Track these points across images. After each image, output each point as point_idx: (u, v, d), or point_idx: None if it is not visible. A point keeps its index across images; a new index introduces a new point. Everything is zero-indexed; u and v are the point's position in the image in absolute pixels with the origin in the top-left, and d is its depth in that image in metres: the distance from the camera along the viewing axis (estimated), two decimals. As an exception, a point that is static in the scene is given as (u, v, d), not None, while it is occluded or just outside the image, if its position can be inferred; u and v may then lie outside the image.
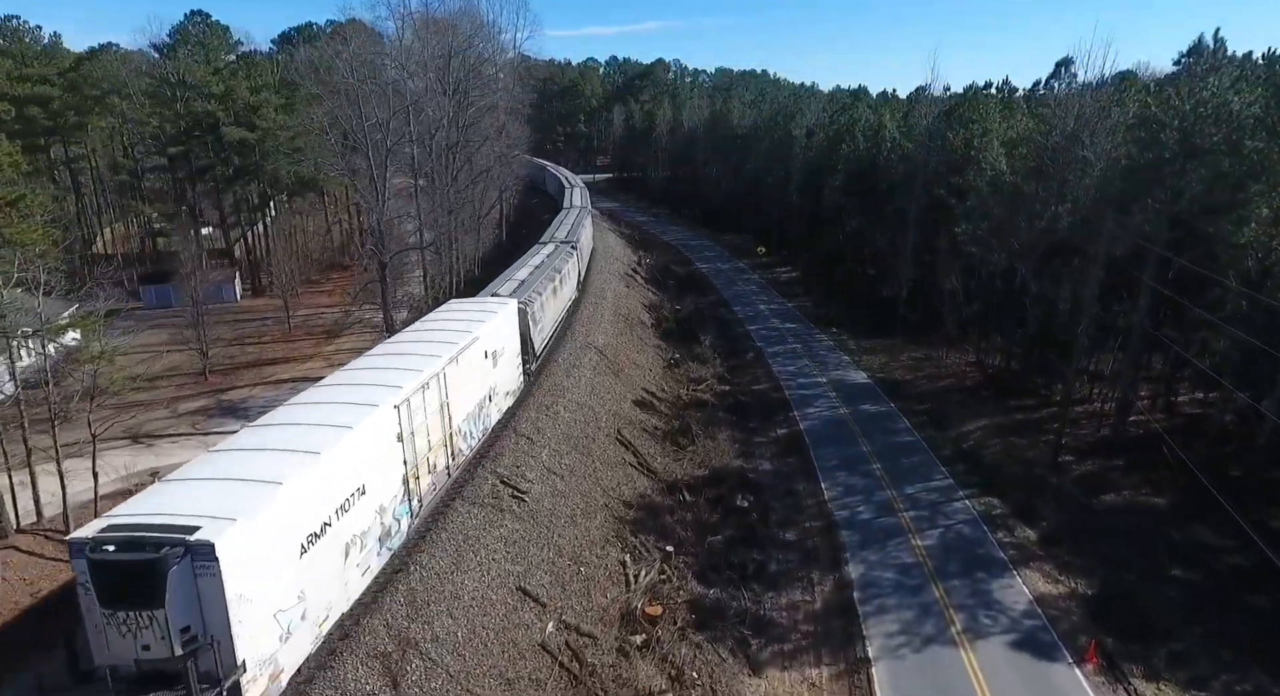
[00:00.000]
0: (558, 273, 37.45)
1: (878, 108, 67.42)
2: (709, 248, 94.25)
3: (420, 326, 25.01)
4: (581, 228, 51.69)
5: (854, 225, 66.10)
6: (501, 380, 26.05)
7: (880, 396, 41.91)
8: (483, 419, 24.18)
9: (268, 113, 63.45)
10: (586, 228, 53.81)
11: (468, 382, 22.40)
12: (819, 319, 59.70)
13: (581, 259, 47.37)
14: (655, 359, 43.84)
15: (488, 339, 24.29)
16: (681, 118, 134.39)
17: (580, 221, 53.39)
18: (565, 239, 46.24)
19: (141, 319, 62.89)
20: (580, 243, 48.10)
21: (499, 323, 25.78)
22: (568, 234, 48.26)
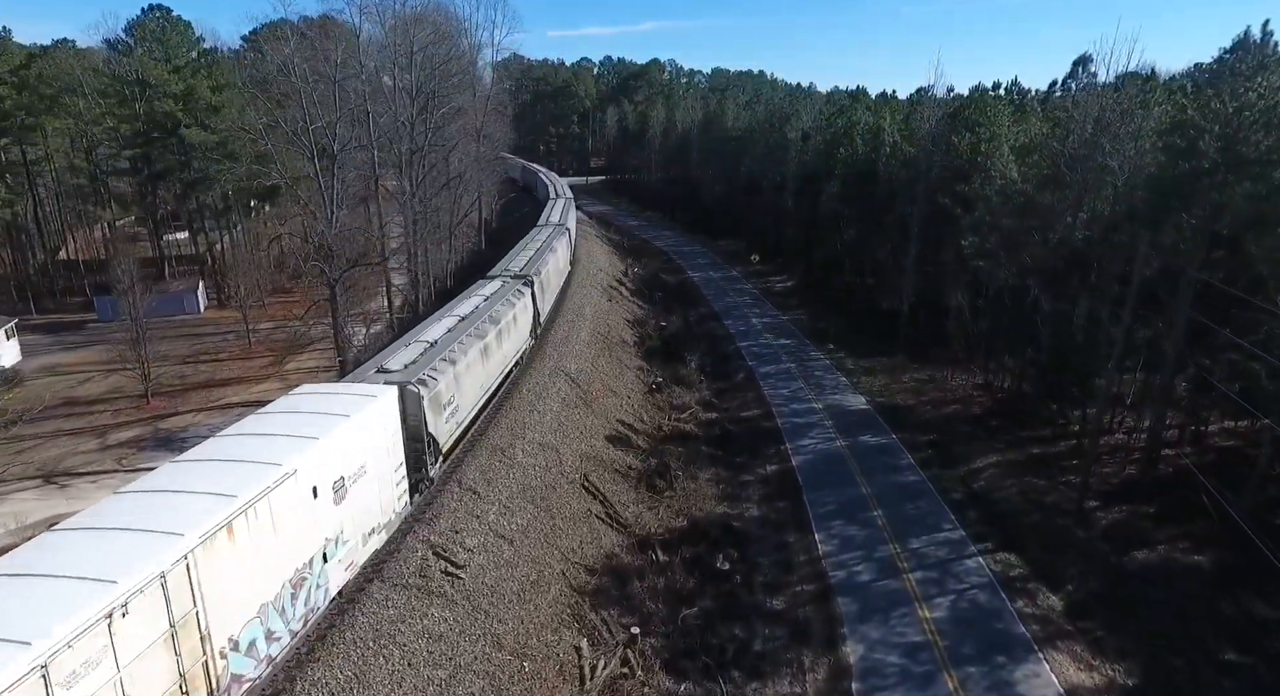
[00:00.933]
0: (494, 324, 27.66)
1: (877, 109, 63.97)
2: (702, 254, 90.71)
3: (209, 449, 15.26)
4: (549, 253, 42.56)
5: (852, 234, 62.69)
6: (357, 518, 16.94)
7: (880, 426, 38.29)
8: (307, 599, 15.21)
9: (230, 113, 59.75)
10: (557, 253, 44.76)
11: (261, 555, 13.49)
12: (815, 334, 56.10)
13: (544, 292, 37.86)
14: (635, 384, 40.19)
15: (322, 465, 15.44)
16: (675, 119, 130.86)
17: (551, 244, 45.39)
18: (520, 272, 36.69)
19: (94, 333, 59.28)
20: (546, 272, 39.59)
21: (351, 431, 16.51)
22: (526, 264, 38.99)
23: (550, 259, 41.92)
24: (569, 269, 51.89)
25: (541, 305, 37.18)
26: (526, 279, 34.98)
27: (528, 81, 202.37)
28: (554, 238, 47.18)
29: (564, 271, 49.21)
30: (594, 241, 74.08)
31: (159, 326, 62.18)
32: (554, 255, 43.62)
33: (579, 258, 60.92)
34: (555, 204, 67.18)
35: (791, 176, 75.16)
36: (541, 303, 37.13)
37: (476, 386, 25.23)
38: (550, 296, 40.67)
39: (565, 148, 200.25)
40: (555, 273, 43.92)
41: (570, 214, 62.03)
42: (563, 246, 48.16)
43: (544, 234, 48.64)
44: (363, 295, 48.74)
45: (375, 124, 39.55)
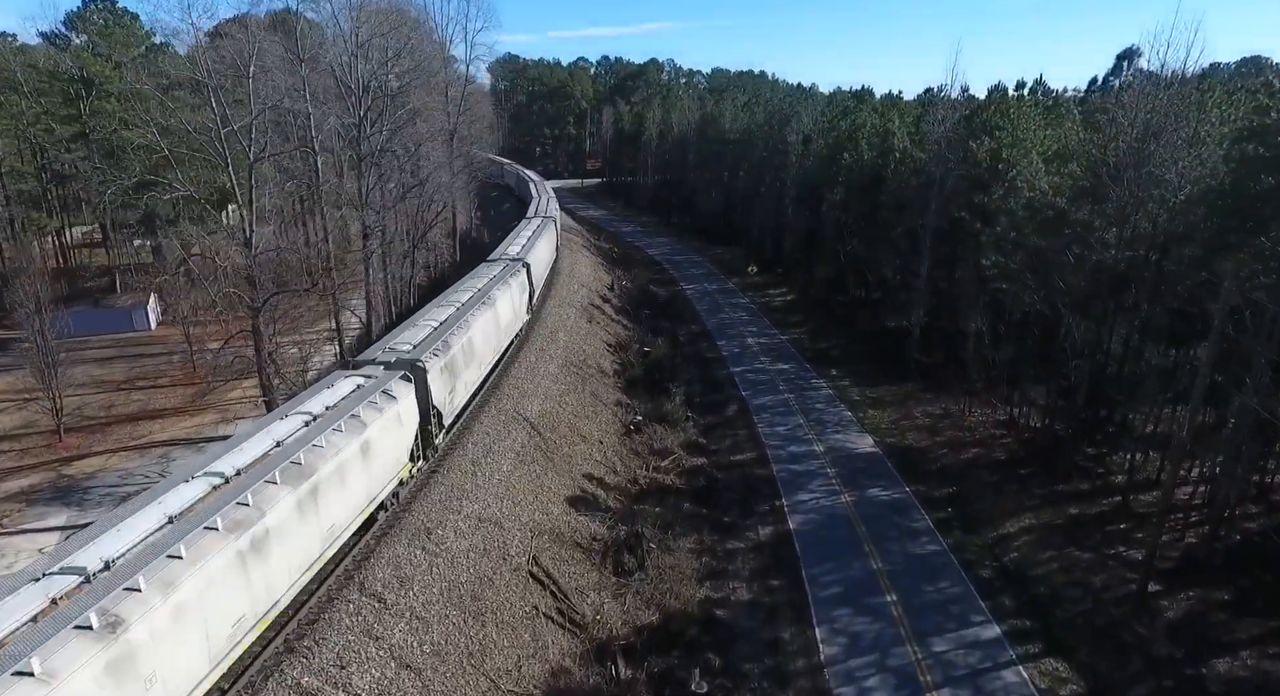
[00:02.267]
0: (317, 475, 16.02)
1: (884, 111, 58.97)
2: (696, 264, 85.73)
3: None
4: (481, 311, 29.07)
5: (857, 246, 57.59)
6: None
7: (891, 474, 33.26)
8: None
9: (182, 113, 54.75)
10: (507, 299, 32.83)
11: None
12: (816, 357, 51.09)
13: (443, 395, 23.53)
14: (610, 424, 35.17)
15: None
16: (671, 120, 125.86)
17: (494, 292, 31.88)
18: (404, 358, 22.58)
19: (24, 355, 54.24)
20: (475, 345, 27.24)
21: None
22: (415, 346, 23.82)
23: (477, 325, 27.95)
24: (527, 317, 38.74)
25: (447, 404, 24.21)
26: (406, 367, 21.86)
27: (523, 82, 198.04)
28: (500, 283, 33.42)
29: (520, 321, 36.27)
30: (579, 252, 69.08)
31: (101, 345, 57.56)
32: (503, 304, 31.82)
33: (561, 270, 56.00)
34: (521, 230, 51.54)
35: (791, 182, 70.20)
36: (443, 401, 23.74)
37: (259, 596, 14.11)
38: (463, 388, 26.07)
39: (561, 149, 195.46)
40: (511, 315, 33.83)
41: (542, 240, 48.33)
42: (509, 299, 33.23)
43: (479, 283, 33.43)
44: (311, 316, 43.84)
45: (313, 125, 34.56)
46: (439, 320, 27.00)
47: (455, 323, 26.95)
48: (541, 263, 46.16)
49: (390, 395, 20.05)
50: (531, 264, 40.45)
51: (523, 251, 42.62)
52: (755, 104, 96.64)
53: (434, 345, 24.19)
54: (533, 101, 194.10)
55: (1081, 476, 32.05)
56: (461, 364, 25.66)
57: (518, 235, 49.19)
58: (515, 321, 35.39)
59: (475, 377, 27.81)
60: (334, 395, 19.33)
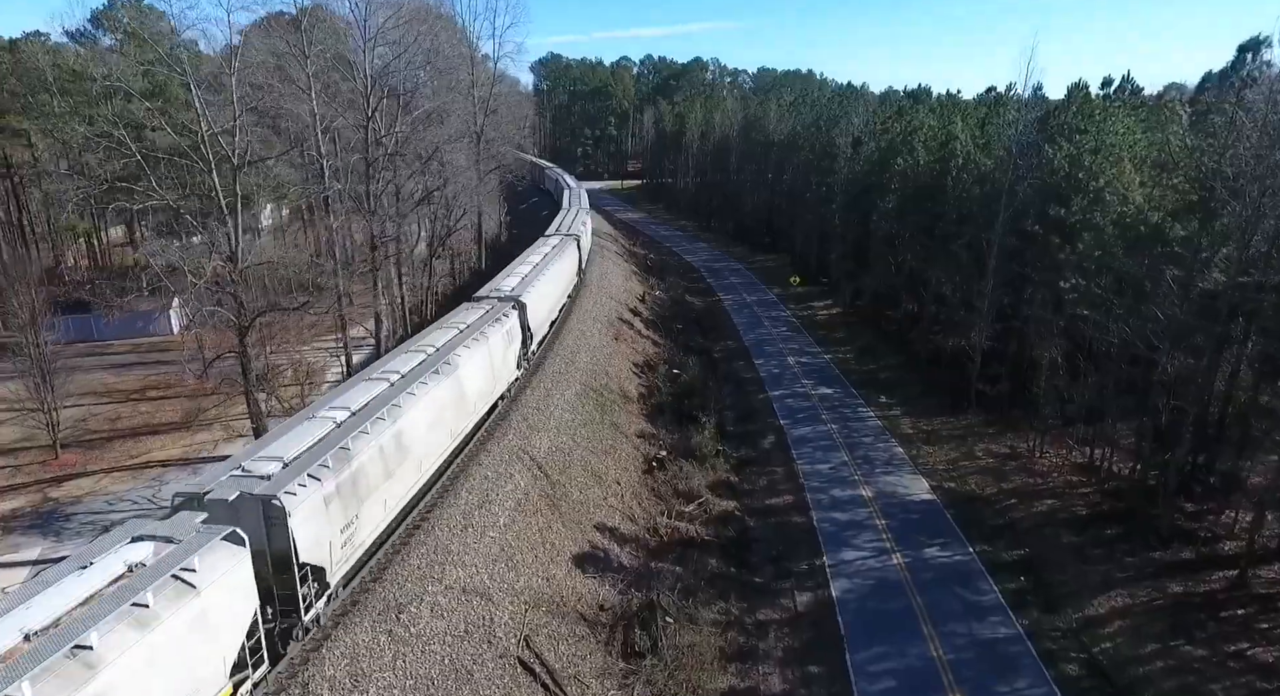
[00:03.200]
0: None
1: (944, 112, 54.08)
2: (736, 271, 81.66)
3: None
4: (426, 389, 21.14)
5: (910, 259, 52.87)
6: None
7: (951, 530, 28.92)
8: None
9: (176, 114, 53.19)
10: (479, 360, 25.20)
11: None
12: (864, 381, 46.68)
13: (313, 548, 15.25)
14: (630, 460, 31.59)
15: None
16: (714, 121, 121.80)
17: (458, 354, 24.02)
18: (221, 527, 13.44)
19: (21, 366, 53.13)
20: (402, 444, 19.23)
21: None
22: (268, 478, 15.20)
23: (375, 451, 18.17)
24: (517, 373, 30.49)
25: (322, 557, 15.90)
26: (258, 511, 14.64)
27: (565, 82, 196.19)
28: (469, 341, 25.32)
29: (501, 383, 28.06)
30: (611, 260, 65.68)
31: (121, 349, 56.44)
32: (424, 411, 20.69)
33: (590, 282, 52.71)
34: (526, 260, 40.67)
35: (839, 187, 65.61)
36: (320, 555, 15.83)
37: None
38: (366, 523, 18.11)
39: (601, 150, 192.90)
40: (477, 396, 25.09)
41: (554, 270, 39.27)
42: (484, 359, 25.56)
43: (433, 341, 24.89)
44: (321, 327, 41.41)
45: (319, 126, 31.89)
46: (336, 420, 17.94)
47: (361, 424, 17.80)
48: (547, 300, 36.31)
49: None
50: (529, 304, 31.90)
51: (520, 287, 33.58)
52: (802, 104, 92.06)
53: (298, 477, 15.09)
54: (574, 102, 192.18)
55: (1183, 540, 27.19)
56: (357, 489, 16.72)
57: (524, 261, 40.16)
58: (492, 386, 26.59)
59: (398, 498, 18.99)
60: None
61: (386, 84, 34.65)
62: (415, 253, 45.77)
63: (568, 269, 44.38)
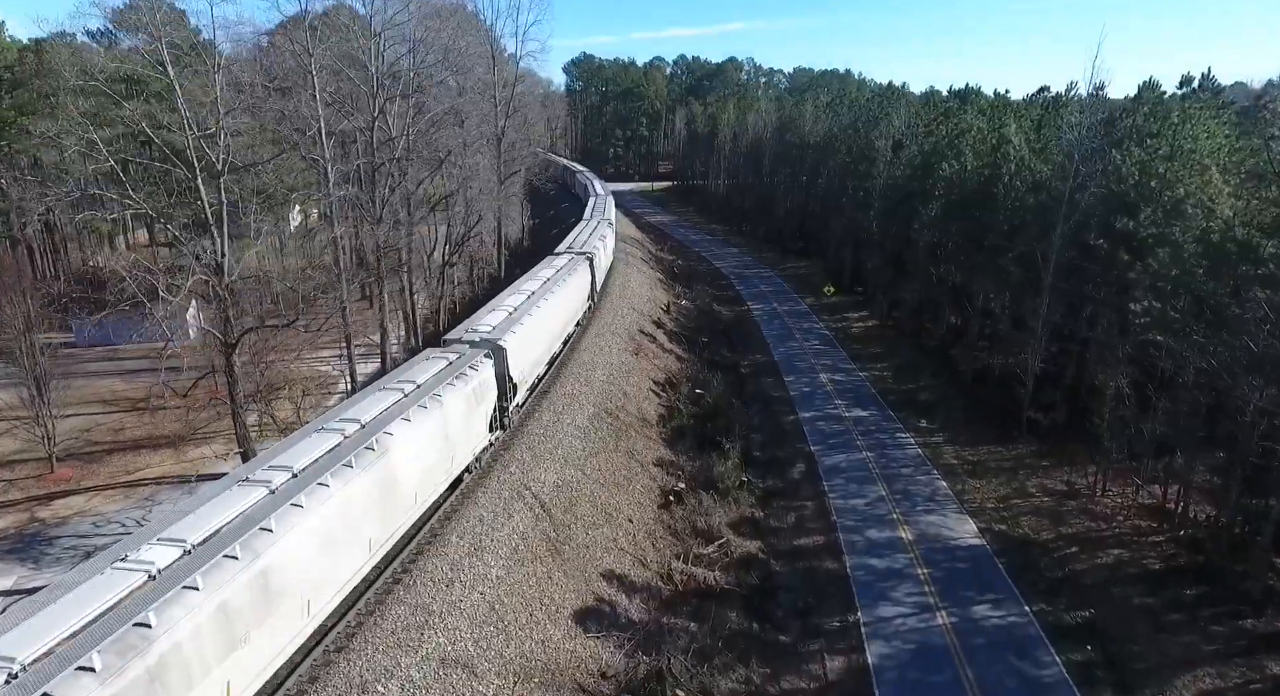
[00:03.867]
0: None
1: (994, 114, 50.42)
2: (766, 279, 78.49)
3: None
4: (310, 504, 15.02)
5: (955, 270, 49.37)
6: None
7: (1003, 582, 25.74)
8: None
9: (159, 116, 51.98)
10: (423, 445, 19.36)
11: None
12: (902, 402, 43.38)
13: None
14: (645, 493, 28.97)
15: None
16: (747, 122, 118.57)
17: (391, 432, 18.21)
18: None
19: (66, 361, 52.65)
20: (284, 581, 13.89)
21: None
22: None
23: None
24: (490, 439, 24.47)
25: None
26: None
27: (597, 82, 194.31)
28: (442, 391, 21.00)
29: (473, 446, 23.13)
30: (635, 267, 63.12)
31: (135, 355, 55.52)
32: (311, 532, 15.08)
33: (612, 291, 50.23)
34: (520, 288, 33.57)
35: (878, 193, 62.16)
36: None
37: None
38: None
39: (633, 151, 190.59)
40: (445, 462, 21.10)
41: (556, 299, 33.36)
42: (466, 407, 22.06)
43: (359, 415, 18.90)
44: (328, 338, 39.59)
45: (323, 129, 29.97)
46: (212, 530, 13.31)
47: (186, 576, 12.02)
48: (540, 340, 29.78)
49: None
50: (512, 348, 25.32)
51: (502, 327, 26.63)
52: (839, 104, 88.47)
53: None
54: (605, 102, 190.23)
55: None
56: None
57: (518, 289, 33.12)
58: (449, 464, 20.91)
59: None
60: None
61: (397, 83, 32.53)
62: (433, 259, 43.77)
63: (574, 296, 37.47)
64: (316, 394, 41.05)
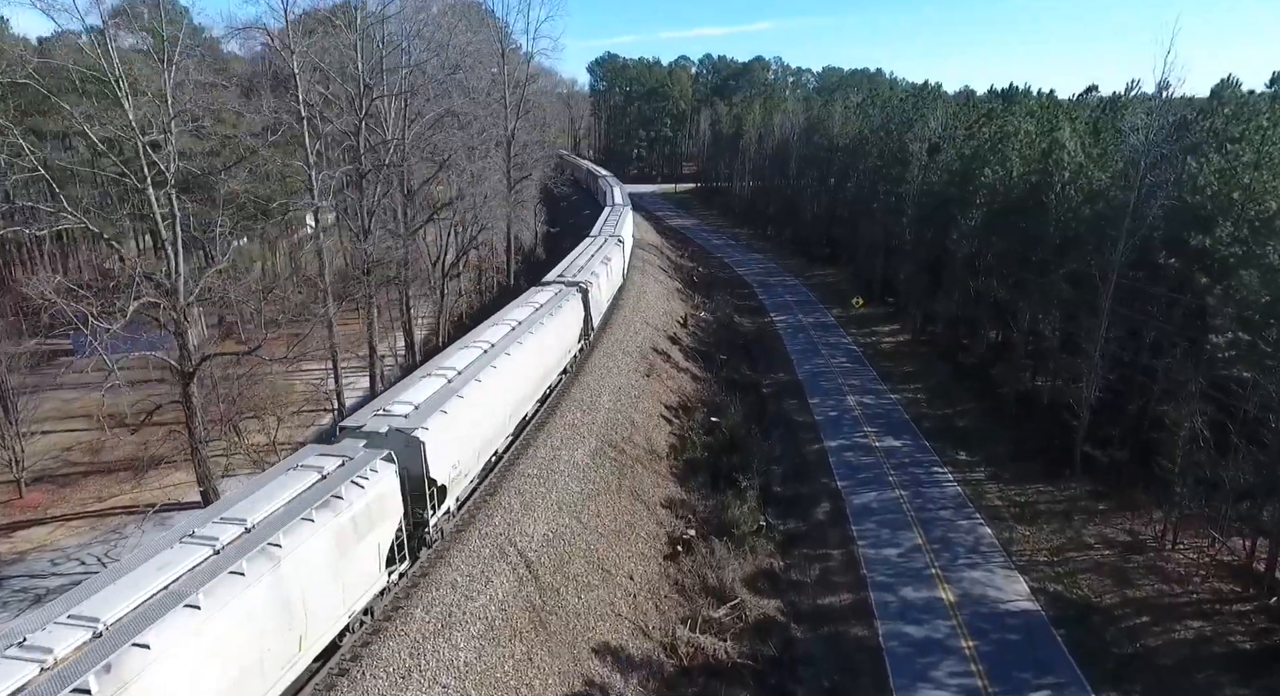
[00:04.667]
0: None
1: (1044, 116, 46.38)
2: (791, 288, 74.83)
3: None
4: None
5: (997, 285, 45.39)
6: None
7: (1063, 660, 22.15)
8: None
9: (227, 117, 50.01)
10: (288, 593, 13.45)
11: None
12: (938, 429, 39.70)
13: None
14: (649, 543, 25.80)
15: None
16: (773, 123, 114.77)
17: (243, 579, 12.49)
18: None
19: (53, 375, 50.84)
20: None
21: None
22: None
23: None
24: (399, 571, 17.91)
25: None
26: None
27: (621, 82, 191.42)
28: (289, 539, 13.43)
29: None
30: (652, 275, 59.96)
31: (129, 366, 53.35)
32: None
33: (623, 303, 47.16)
34: (480, 335, 26.15)
35: (912, 199, 58.28)
36: None
37: None
38: None
39: (657, 152, 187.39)
40: None
41: (531, 347, 26.14)
42: (338, 547, 14.68)
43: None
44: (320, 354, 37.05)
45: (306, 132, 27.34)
46: None
47: None
48: (495, 413, 22.36)
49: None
50: (437, 439, 18.05)
51: (429, 404, 19.33)
52: (870, 105, 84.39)
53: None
54: (629, 102, 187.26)
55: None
56: None
57: (477, 336, 25.58)
58: (296, 646, 13.57)
59: None
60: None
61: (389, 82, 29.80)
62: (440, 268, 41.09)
63: (560, 337, 29.65)
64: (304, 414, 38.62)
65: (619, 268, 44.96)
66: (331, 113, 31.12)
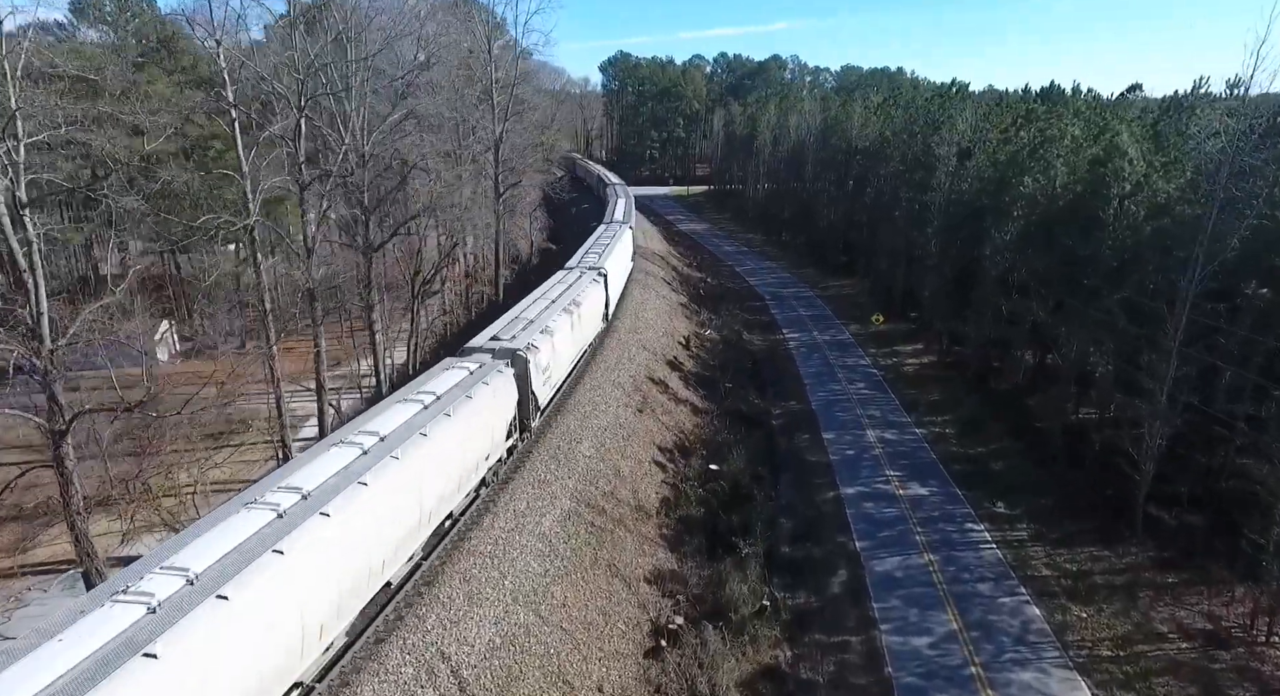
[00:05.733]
0: None
1: (1092, 117, 41.37)
2: (806, 300, 70.10)
3: None
4: None
5: (1036, 308, 40.42)
6: None
7: (1145, 811, 17.44)
8: None
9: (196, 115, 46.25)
10: None
11: None
12: (970, 473, 34.97)
13: None
14: (626, 635, 21.31)
15: None
16: (788, 124, 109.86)
17: None
18: None
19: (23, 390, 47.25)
20: None
21: None
22: None
23: None
24: None
25: None
26: None
27: (633, 81, 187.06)
28: None
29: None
30: (654, 289, 55.47)
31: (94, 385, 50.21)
32: None
33: (618, 325, 42.80)
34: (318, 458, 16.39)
35: (938, 207, 53.39)
36: None
37: None
38: None
39: (669, 154, 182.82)
40: None
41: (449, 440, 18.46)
42: None
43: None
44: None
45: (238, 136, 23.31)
46: None
47: None
48: (353, 570, 14.55)
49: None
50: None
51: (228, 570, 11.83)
52: (892, 105, 79.37)
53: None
54: (642, 102, 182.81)
55: None
56: None
57: (325, 449, 16.45)
58: None
59: None
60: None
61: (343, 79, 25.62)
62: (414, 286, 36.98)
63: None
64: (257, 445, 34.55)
65: (594, 312, 35.03)
66: (278, 115, 27.08)
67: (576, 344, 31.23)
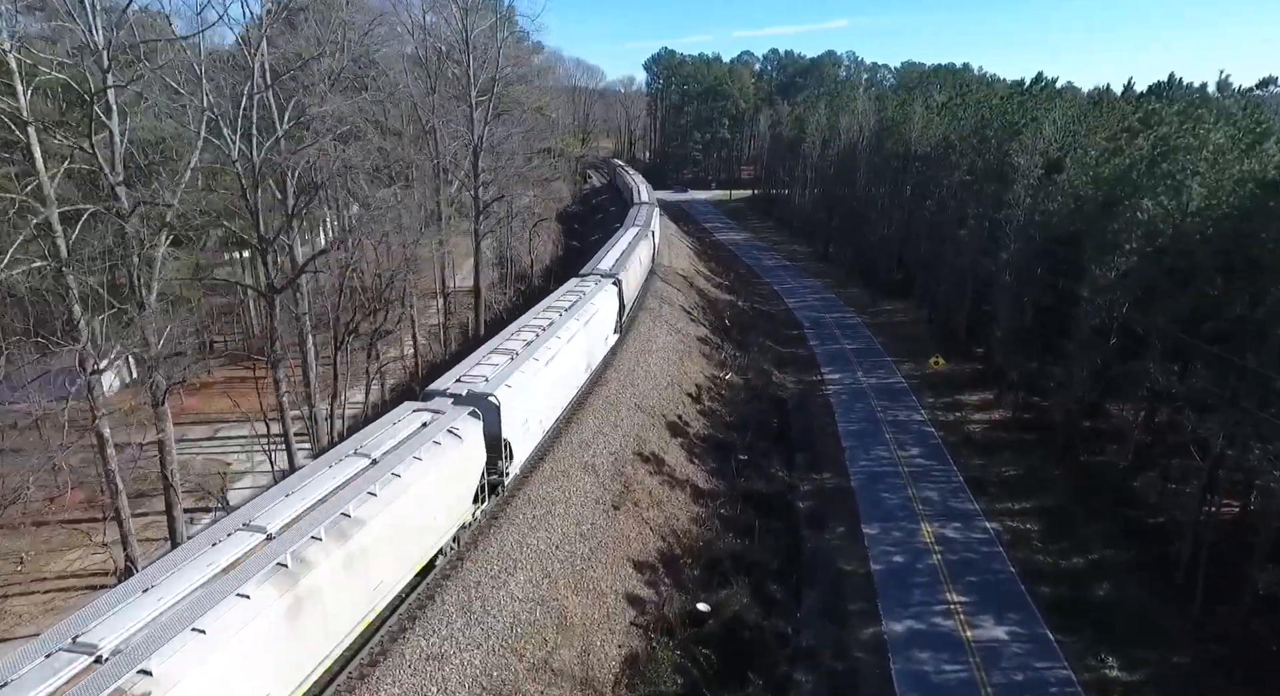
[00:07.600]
0: None
1: (1248, 121, 31.43)
2: (851, 329, 60.92)
3: None
4: None
5: (1154, 369, 30.53)
6: None
7: None
8: None
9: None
10: None
11: None
12: (1065, 601, 25.90)
13: None
14: None
15: None
16: (839, 125, 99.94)
17: None
18: None
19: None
20: None
21: None
22: None
23: None
24: None
25: None
26: None
27: (677, 80, 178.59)
28: None
29: None
30: (664, 325, 46.93)
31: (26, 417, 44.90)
32: None
33: (607, 380, 34.78)
34: None
35: (1017, 228, 43.86)
36: None
37: None
38: None
39: (713, 155, 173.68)
40: None
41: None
42: None
43: None
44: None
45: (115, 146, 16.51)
46: None
47: None
48: None
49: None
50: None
51: None
52: (959, 105, 69.15)
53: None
54: (686, 102, 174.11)
55: None
56: None
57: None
58: None
59: None
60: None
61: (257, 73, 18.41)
62: (337, 334, 29.78)
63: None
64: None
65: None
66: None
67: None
